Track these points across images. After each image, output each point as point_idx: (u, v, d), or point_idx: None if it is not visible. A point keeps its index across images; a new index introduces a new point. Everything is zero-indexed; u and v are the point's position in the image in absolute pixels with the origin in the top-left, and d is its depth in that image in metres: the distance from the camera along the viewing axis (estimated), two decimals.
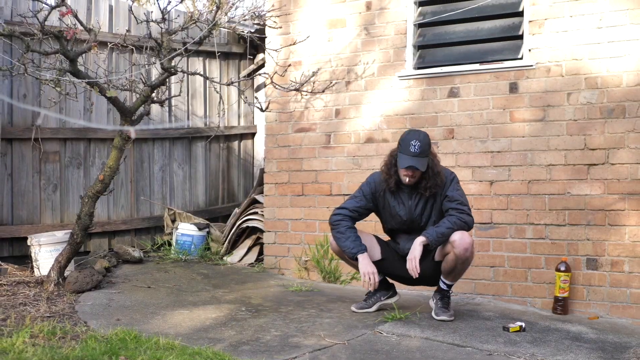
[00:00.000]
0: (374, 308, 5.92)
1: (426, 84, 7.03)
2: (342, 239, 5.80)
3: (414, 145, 5.58)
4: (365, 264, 5.73)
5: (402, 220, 5.85)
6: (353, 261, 5.86)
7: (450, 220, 5.60)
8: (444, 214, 5.70)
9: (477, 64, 6.78)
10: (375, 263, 5.86)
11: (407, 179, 5.66)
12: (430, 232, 5.59)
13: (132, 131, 6.36)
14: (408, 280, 5.87)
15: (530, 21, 6.55)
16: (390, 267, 5.93)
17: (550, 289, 6.39)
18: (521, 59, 6.61)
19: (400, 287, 6.16)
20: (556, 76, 6.43)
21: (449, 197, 5.69)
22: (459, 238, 5.55)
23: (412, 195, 5.77)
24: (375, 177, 5.93)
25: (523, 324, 5.59)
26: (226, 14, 7.97)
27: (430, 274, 5.79)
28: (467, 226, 5.63)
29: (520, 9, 6.63)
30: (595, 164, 6.27)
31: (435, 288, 5.91)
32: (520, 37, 6.65)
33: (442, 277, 5.80)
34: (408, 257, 5.58)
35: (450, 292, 5.90)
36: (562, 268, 6.21)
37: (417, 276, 5.59)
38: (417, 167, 5.57)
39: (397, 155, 5.71)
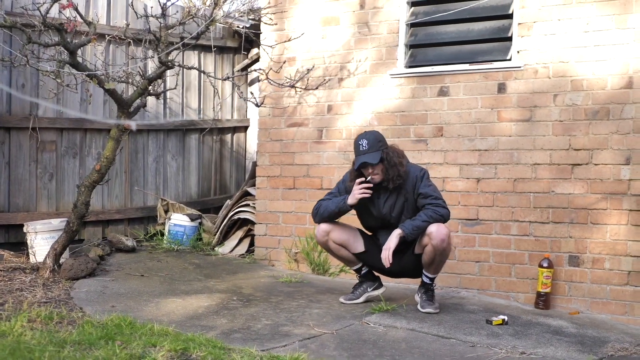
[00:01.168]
0: (362, 299, 6.08)
1: (417, 83, 7.19)
2: (327, 209, 5.99)
3: (362, 144, 5.79)
4: (354, 191, 5.90)
5: (374, 217, 6.00)
6: (338, 213, 6.06)
7: (426, 213, 5.74)
8: (420, 210, 5.84)
9: (467, 64, 6.95)
10: (359, 255, 6.09)
11: (370, 177, 5.81)
12: (406, 225, 5.73)
13: (132, 125, 6.48)
14: (391, 272, 6.04)
15: (519, 23, 6.72)
16: (373, 259, 6.06)
17: (533, 285, 6.57)
18: (510, 60, 6.78)
19: (386, 280, 6.31)
20: (543, 78, 6.60)
21: (422, 194, 5.81)
22: (435, 230, 5.70)
23: (380, 193, 5.91)
24: (347, 175, 6.09)
25: (506, 318, 5.76)
26: (221, 8, 8.10)
27: (411, 266, 5.97)
28: (443, 219, 5.76)
29: (510, 12, 6.79)
30: (579, 164, 6.44)
31: (419, 281, 6.07)
32: (510, 39, 6.81)
33: (424, 271, 5.97)
34: (383, 247, 5.76)
35: (434, 285, 6.07)
36: (545, 264, 6.38)
37: (389, 266, 5.73)
38: (369, 162, 5.74)
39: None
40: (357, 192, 5.83)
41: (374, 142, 5.77)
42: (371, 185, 5.82)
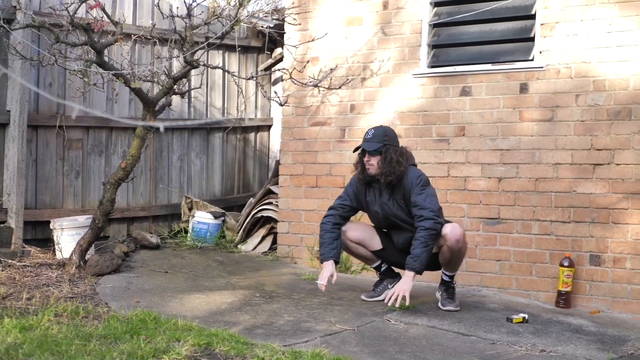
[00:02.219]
0: (383, 296, 6.13)
1: (439, 83, 7.23)
2: (321, 244, 6.06)
3: (368, 133, 5.94)
4: (326, 271, 5.94)
5: (379, 218, 6.08)
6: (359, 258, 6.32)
7: (420, 240, 5.68)
8: (417, 218, 5.80)
9: (489, 64, 6.98)
10: (377, 252, 6.21)
11: (366, 166, 5.93)
12: (416, 263, 5.67)
13: (161, 126, 6.57)
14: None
15: (542, 24, 6.74)
16: (391, 256, 6.18)
17: (553, 284, 6.59)
18: (532, 60, 6.80)
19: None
20: (565, 78, 6.62)
21: (414, 203, 5.81)
22: (449, 231, 5.76)
23: (382, 190, 5.99)
24: (355, 178, 6.19)
25: (526, 316, 5.80)
26: (245, 8, 8.17)
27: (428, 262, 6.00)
28: (436, 233, 5.73)
29: (533, 12, 6.82)
30: (600, 164, 6.46)
31: (439, 278, 6.12)
32: (532, 39, 6.83)
33: (442, 269, 6.05)
34: (397, 289, 5.69)
35: (454, 283, 6.13)
36: (566, 263, 6.41)
37: (397, 304, 5.67)
38: (365, 148, 5.85)
39: None
40: (320, 283, 5.92)
41: (379, 135, 5.88)
42: (324, 287, 5.92)
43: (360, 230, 6.19)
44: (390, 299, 5.65)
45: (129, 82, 6.42)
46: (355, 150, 6.03)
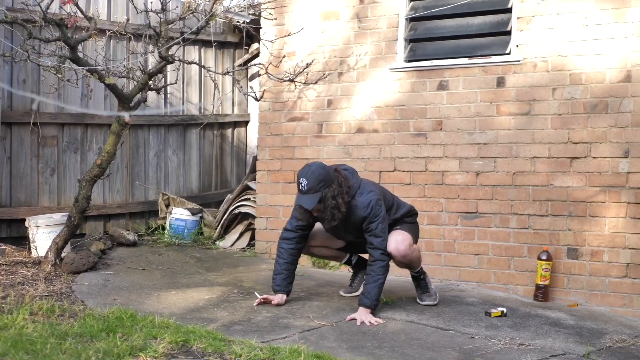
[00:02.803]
0: (360, 289, 6.09)
1: (416, 77, 7.22)
2: (277, 272, 5.89)
3: (302, 184, 5.49)
4: (274, 298, 5.83)
5: (333, 234, 6.01)
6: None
7: (371, 275, 5.58)
8: (368, 243, 5.66)
9: (466, 58, 6.98)
10: (341, 248, 6.17)
11: (307, 216, 5.69)
12: (365, 300, 5.54)
13: (126, 116, 6.51)
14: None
15: (518, 18, 6.74)
16: (355, 247, 6.14)
17: (532, 277, 6.60)
18: (509, 54, 6.80)
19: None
20: (542, 71, 6.63)
21: (365, 230, 5.62)
22: (393, 249, 5.66)
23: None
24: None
25: (504, 310, 5.81)
26: (221, 3, 8.12)
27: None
28: (386, 264, 5.61)
29: (509, 6, 6.82)
30: (577, 157, 6.47)
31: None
32: (509, 33, 6.83)
33: None
34: (359, 318, 5.48)
35: (423, 275, 6.09)
36: (544, 257, 6.42)
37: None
38: (303, 206, 5.52)
39: None
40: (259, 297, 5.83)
41: (313, 184, 5.44)
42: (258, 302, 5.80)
43: (321, 235, 6.05)
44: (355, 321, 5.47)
45: (104, 78, 6.36)
46: (296, 206, 5.71)
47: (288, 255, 5.87)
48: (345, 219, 5.64)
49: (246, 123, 9.97)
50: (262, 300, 5.80)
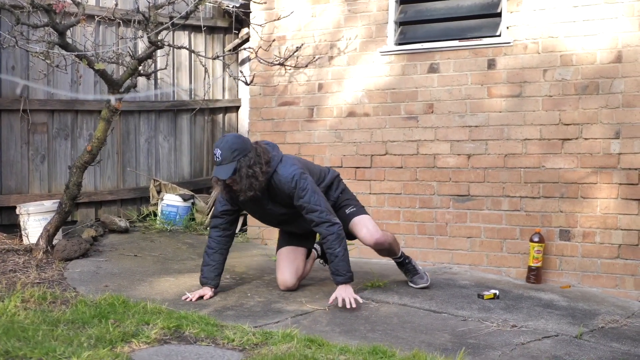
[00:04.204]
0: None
1: (407, 60, 7.20)
2: (205, 263, 5.71)
3: (216, 154, 5.31)
4: (201, 292, 5.60)
5: (266, 220, 5.87)
6: None
7: (329, 252, 5.39)
8: (309, 223, 5.48)
9: (457, 41, 6.96)
10: (306, 250, 6.00)
11: (223, 188, 5.44)
12: (337, 277, 5.34)
13: (113, 99, 6.48)
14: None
15: None
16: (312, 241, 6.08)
17: (524, 259, 6.61)
18: (499, 36, 6.79)
19: (378, 258, 6.26)
20: (533, 53, 6.61)
21: (299, 208, 5.43)
22: (365, 235, 5.63)
23: (259, 199, 5.49)
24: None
25: (497, 292, 5.82)
26: None
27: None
28: (336, 234, 5.34)
29: None
30: (569, 139, 6.47)
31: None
32: (499, 14, 6.81)
33: None
34: (339, 296, 5.30)
35: (407, 259, 6.05)
36: (536, 239, 6.42)
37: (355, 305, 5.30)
38: (218, 177, 5.32)
39: None
40: (188, 295, 5.57)
41: (227, 153, 5.25)
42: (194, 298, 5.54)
43: (283, 263, 5.87)
44: (337, 302, 5.29)
45: (93, 64, 6.32)
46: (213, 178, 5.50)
47: (216, 244, 5.70)
48: (272, 196, 5.48)
49: (237, 108, 9.93)
50: (194, 297, 5.53)
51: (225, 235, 5.73)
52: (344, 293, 5.29)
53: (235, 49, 9.50)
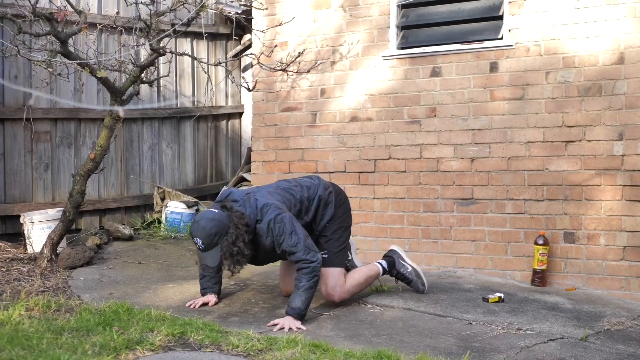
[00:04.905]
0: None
1: (409, 64, 7.20)
2: (202, 276, 5.72)
3: (197, 243, 5.20)
4: (204, 298, 5.63)
5: (262, 262, 5.72)
6: None
7: (298, 276, 5.22)
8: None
9: (459, 44, 6.95)
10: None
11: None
12: (289, 309, 5.14)
13: (120, 110, 6.49)
14: None
15: (510, 2, 6.71)
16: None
17: (529, 262, 6.59)
18: (501, 39, 6.77)
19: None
20: (535, 56, 6.60)
21: (285, 251, 5.26)
22: (323, 292, 5.51)
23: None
24: None
25: (502, 295, 5.81)
26: None
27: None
28: (314, 268, 5.18)
29: None
30: (572, 141, 6.45)
31: (419, 257, 6.04)
32: (501, 17, 6.80)
33: None
34: (286, 324, 5.06)
35: (395, 272, 5.93)
36: (541, 242, 6.40)
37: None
38: (208, 264, 5.32)
39: None
40: (193, 302, 5.59)
41: (207, 240, 5.11)
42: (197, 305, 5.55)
43: (290, 270, 5.71)
44: (280, 329, 5.03)
45: (95, 72, 6.33)
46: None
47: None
48: (255, 242, 5.31)
49: (240, 114, 9.94)
50: (198, 304, 5.55)
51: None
52: (289, 323, 5.05)
53: (238, 56, 9.51)
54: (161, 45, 6.69)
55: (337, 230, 5.63)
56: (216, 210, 5.20)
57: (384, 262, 5.88)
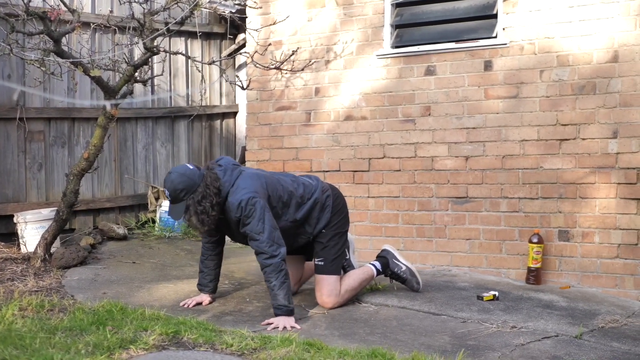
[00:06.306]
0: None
1: (403, 63, 7.19)
2: (199, 267, 5.71)
3: (166, 193, 5.21)
4: (197, 298, 5.61)
5: (233, 238, 5.67)
6: None
7: (266, 276, 5.16)
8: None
9: (453, 43, 6.94)
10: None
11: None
12: (276, 310, 5.09)
13: (108, 105, 6.47)
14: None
15: (504, 0, 6.70)
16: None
17: (523, 260, 6.59)
18: (495, 37, 6.77)
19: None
20: (529, 54, 6.60)
21: (246, 234, 5.22)
22: (318, 300, 5.50)
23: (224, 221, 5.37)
24: None
25: (497, 293, 5.80)
26: None
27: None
28: (273, 266, 5.10)
29: None
30: (566, 139, 6.45)
31: (412, 256, 6.04)
32: (495, 16, 6.80)
33: None
34: (280, 324, 5.01)
35: (389, 272, 5.91)
36: (535, 240, 6.40)
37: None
38: (172, 217, 5.25)
39: None
40: (187, 301, 5.57)
41: (174, 193, 5.11)
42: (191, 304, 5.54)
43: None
44: (275, 328, 4.99)
45: (89, 71, 6.32)
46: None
47: (205, 251, 5.68)
48: (228, 220, 5.30)
49: (234, 114, 9.92)
50: (192, 303, 5.53)
51: (214, 242, 5.65)
52: (283, 321, 5.02)
53: (232, 55, 9.49)
54: (155, 44, 6.68)
55: (333, 237, 5.58)
56: (191, 167, 5.20)
57: (377, 264, 5.87)
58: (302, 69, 7.55)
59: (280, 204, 5.39)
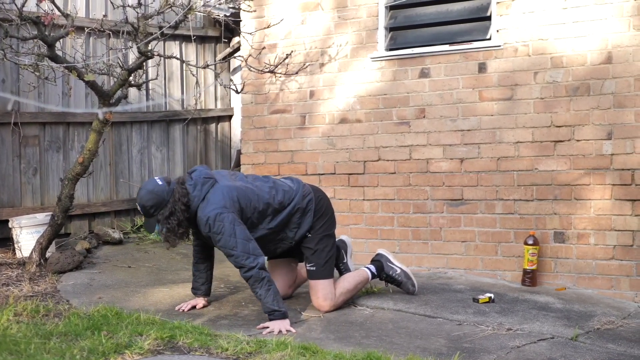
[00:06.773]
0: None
1: (398, 65, 7.19)
2: (193, 274, 5.73)
3: (138, 208, 5.28)
4: (192, 302, 5.61)
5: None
6: None
7: (251, 288, 5.18)
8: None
9: (447, 45, 6.94)
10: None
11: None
12: (270, 316, 5.08)
13: (100, 113, 6.46)
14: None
15: (498, 2, 6.71)
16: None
17: (519, 262, 6.58)
18: (489, 39, 6.77)
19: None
20: (523, 56, 6.60)
21: (219, 247, 5.23)
22: (315, 303, 5.50)
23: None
24: None
25: (492, 295, 5.81)
26: None
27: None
28: (253, 277, 5.07)
29: None
30: (561, 141, 6.45)
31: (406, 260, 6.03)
32: (489, 18, 6.80)
33: None
34: (275, 327, 5.00)
35: (385, 275, 5.92)
36: (531, 242, 6.40)
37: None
38: (146, 230, 5.28)
39: None
40: (182, 305, 5.58)
41: (144, 209, 5.19)
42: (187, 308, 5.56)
43: (279, 274, 5.82)
44: (270, 332, 4.98)
45: (83, 75, 6.30)
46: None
47: (196, 254, 5.68)
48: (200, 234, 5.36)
49: (229, 117, 9.92)
50: (187, 307, 5.55)
51: (202, 244, 5.63)
52: (279, 325, 5.01)
53: (227, 58, 9.49)
54: (149, 48, 6.67)
55: (321, 241, 5.56)
56: (160, 182, 5.20)
57: (372, 267, 5.87)
58: (297, 72, 7.55)
59: (256, 214, 5.34)
